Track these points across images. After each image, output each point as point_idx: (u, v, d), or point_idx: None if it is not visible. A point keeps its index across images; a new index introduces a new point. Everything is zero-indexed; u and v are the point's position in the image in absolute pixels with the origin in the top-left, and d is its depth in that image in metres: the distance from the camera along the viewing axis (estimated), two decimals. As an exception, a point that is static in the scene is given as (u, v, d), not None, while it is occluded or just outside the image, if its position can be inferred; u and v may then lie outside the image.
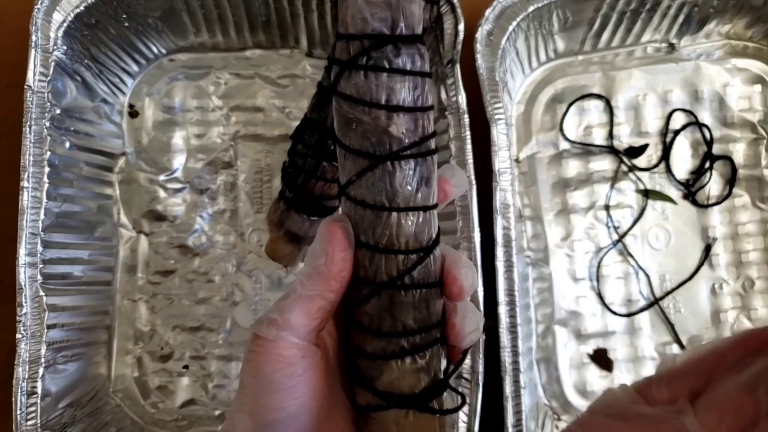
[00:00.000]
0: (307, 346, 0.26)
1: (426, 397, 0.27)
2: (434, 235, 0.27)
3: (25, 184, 0.44)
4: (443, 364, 0.28)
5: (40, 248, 0.44)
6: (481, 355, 0.43)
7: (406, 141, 0.26)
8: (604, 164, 0.54)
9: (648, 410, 0.24)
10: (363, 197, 0.26)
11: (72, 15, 0.46)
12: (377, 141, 0.26)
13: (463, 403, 0.27)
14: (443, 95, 0.47)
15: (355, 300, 0.27)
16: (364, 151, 0.26)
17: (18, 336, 0.43)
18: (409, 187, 0.26)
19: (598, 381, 0.51)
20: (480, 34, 0.48)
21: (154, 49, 0.54)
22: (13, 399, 0.42)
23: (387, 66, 0.25)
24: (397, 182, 0.26)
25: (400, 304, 0.26)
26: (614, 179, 0.54)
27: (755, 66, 0.55)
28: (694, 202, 0.53)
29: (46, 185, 0.45)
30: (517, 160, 0.54)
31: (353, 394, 0.28)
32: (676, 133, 0.54)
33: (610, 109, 0.54)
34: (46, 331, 0.44)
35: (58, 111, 0.47)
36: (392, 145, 0.26)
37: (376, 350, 0.27)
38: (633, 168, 0.54)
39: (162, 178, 0.53)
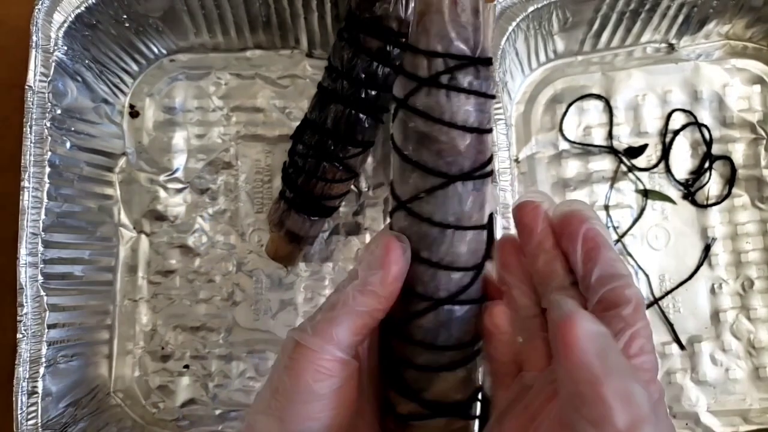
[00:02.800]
0: (349, 360, 0.26)
1: (469, 404, 0.28)
2: (484, 252, 0.27)
3: (26, 184, 0.44)
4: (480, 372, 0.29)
5: (40, 248, 0.44)
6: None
7: (476, 162, 0.26)
8: (603, 164, 0.54)
9: None
10: (430, 214, 0.26)
11: (72, 15, 0.46)
12: (452, 161, 0.26)
13: (488, 404, 0.28)
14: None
15: (406, 314, 0.27)
16: (437, 170, 0.26)
17: (19, 336, 0.43)
18: (473, 207, 0.26)
19: (597, 381, 0.51)
20: (480, 34, 0.48)
21: (155, 50, 0.54)
22: (14, 398, 0.42)
23: (468, 88, 0.25)
24: (466, 202, 0.26)
25: (457, 319, 0.27)
26: (614, 179, 0.54)
27: (755, 66, 0.55)
28: (694, 202, 0.53)
29: (47, 185, 0.45)
30: (516, 161, 0.54)
31: (386, 403, 0.29)
32: (676, 133, 0.54)
33: (609, 110, 0.55)
34: (46, 330, 0.44)
35: (58, 111, 0.47)
36: (464, 165, 0.26)
37: (428, 362, 0.27)
38: (632, 168, 0.54)
39: (162, 178, 0.54)
